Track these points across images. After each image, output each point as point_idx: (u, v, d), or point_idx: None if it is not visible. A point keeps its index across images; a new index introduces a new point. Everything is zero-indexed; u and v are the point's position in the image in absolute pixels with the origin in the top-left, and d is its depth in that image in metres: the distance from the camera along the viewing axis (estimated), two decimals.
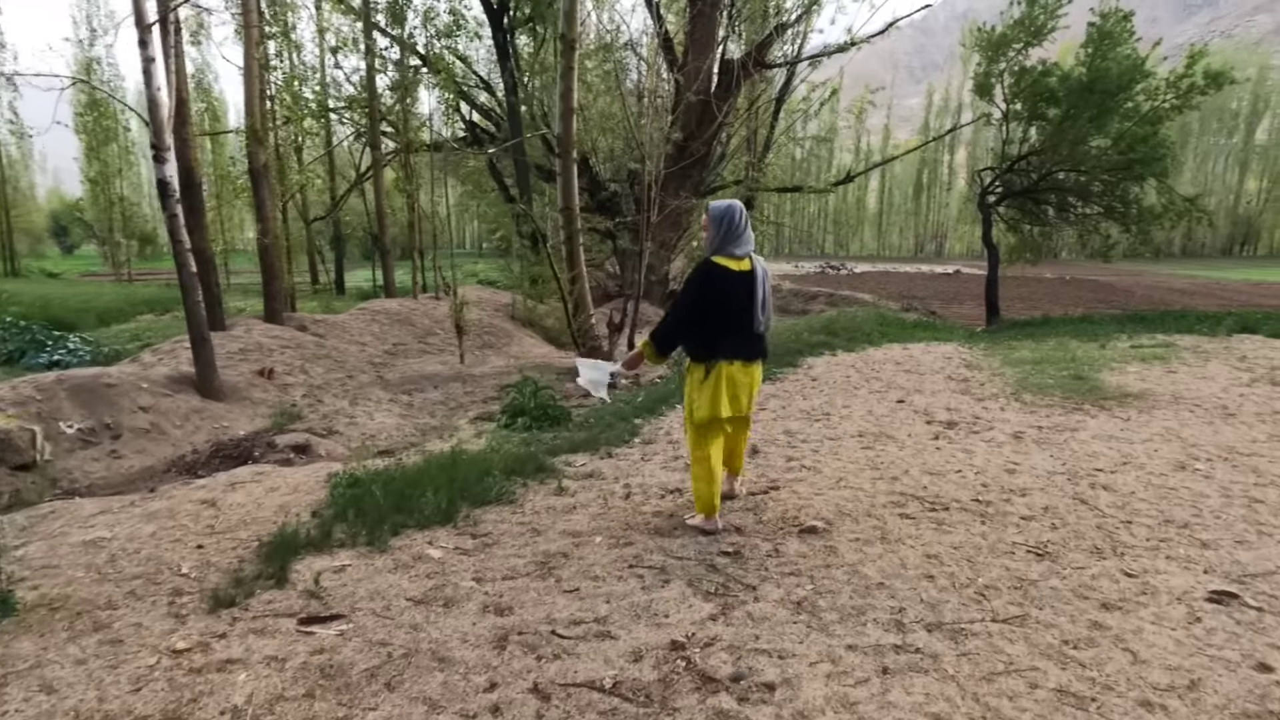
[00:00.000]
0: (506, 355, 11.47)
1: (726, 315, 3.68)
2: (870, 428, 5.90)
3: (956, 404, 6.84)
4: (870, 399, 7.02)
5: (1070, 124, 14.76)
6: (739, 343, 3.72)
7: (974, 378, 8.27)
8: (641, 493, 4.49)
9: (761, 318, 3.75)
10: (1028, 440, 5.58)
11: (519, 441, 6.12)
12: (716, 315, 3.67)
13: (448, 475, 4.65)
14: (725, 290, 3.66)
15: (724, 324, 3.68)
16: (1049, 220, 16.61)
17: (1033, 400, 7.09)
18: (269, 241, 10.32)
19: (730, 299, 3.67)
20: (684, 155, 18.10)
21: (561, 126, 9.65)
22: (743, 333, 3.72)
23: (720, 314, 3.67)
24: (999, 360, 9.69)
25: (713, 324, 3.68)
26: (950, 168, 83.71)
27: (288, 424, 7.12)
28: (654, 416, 6.47)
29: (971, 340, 12.28)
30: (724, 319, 3.68)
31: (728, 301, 3.67)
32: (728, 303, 3.67)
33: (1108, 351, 10.55)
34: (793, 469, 4.84)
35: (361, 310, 12.02)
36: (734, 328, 3.70)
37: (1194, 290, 34.81)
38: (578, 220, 10.02)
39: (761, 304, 3.73)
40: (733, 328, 3.70)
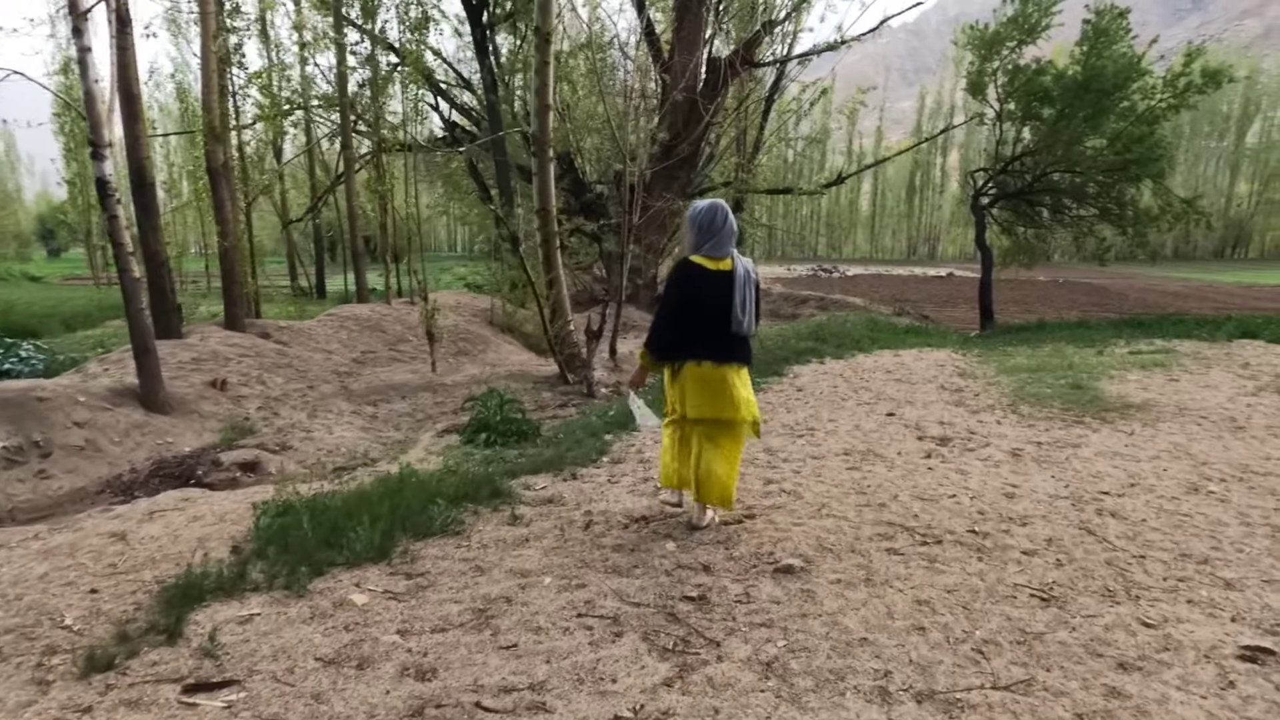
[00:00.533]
0: (482, 363, 11.03)
1: (701, 315, 3.63)
2: (857, 445, 5.48)
3: (950, 417, 6.43)
4: (858, 412, 6.61)
5: (1065, 124, 14.40)
6: (711, 343, 3.66)
7: (968, 387, 7.87)
8: (604, 522, 4.06)
9: (740, 318, 3.63)
10: (1027, 458, 5.17)
11: (480, 460, 5.69)
12: (691, 315, 3.64)
13: (391, 502, 4.21)
14: (700, 290, 3.62)
15: (698, 324, 3.63)
16: (1043, 222, 16.25)
17: (1030, 412, 6.69)
18: (229, 245, 9.83)
19: (705, 298, 3.62)
20: (671, 156, 17.71)
21: (537, 124, 9.22)
22: (716, 333, 3.65)
23: (695, 313, 3.63)
24: (994, 368, 9.31)
25: (687, 323, 3.65)
26: (943, 170, 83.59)
27: (238, 439, 6.67)
28: (626, 432, 6.04)
29: (965, 346, 11.90)
30: (699, 319, 3.63)
31: (702, 301, 3.62)
32: (702, 302, 3.62)
33: (1106, 358, 10.18)
34: (771, 494, 4.41)
35: (330, 316, 11.55)
36: (708, 327, 3.64)
37: (1188, 293, 34.60)
38: (555, 222, 9.59)
39: (741, 305, 3.62)
40: (707, 327, 3.64)
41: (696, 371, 3.68)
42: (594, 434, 5.96)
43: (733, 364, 3.71)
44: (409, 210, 10.43)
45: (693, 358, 3.68)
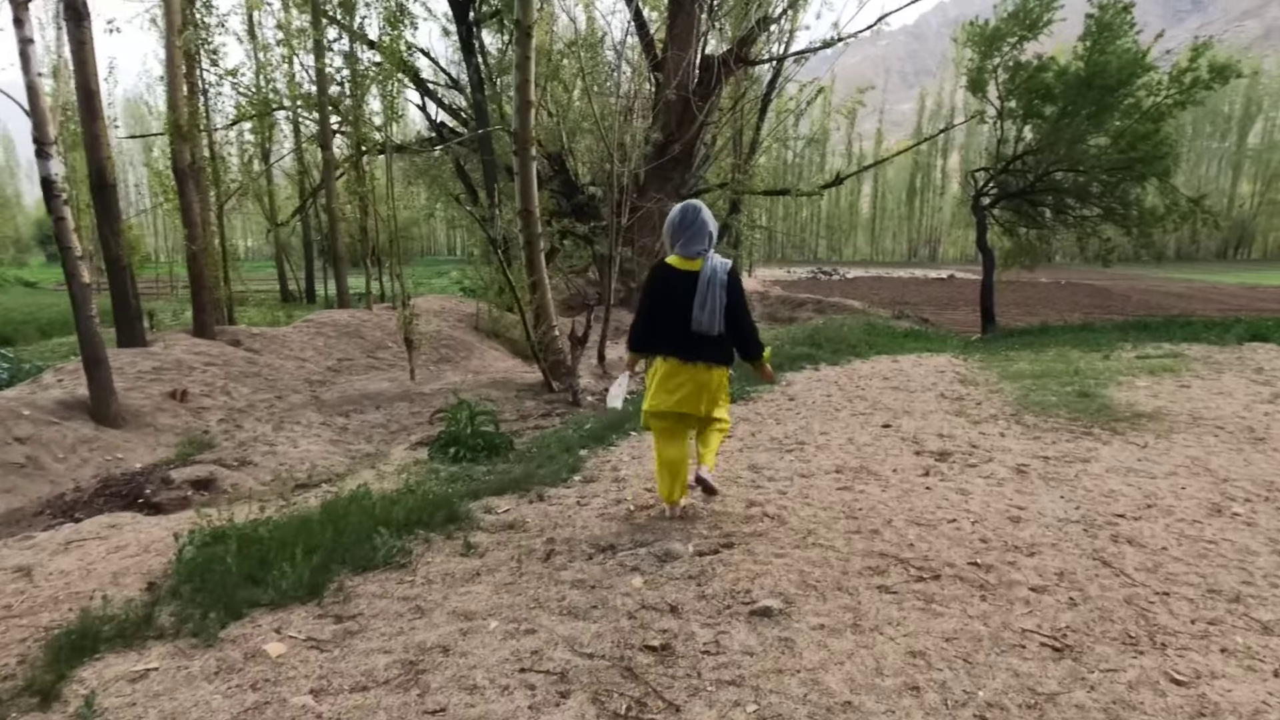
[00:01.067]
0: (465, 370, 10.64)
1: (665, 312, 3.81)
2: (850, 460, 5.09)
3: (950, 428, 6.04)
4: (853, 423, 6.21)
5: (1068, 122, 14.02)
6: (674, 340, 3.82)
7: (969, 395, 7.47)
8: (566, 552, 3.67)
9: (700, 316, 3.72)
10: (1033, 475, 4.77)
11: (445, 478, 5.30)
12: (657, 311, 3.84)
13: (335, 528, 3.83)
14: (664, 288, 3.82)
15: (663, 320, 3.82)
16: (1045, 223, 15.85)
17: (1035, 422, 6.29)
18: (197, 249, 9.42)
19: (669, 296, 3.79)
20: (664, 156, 17.34)
21: (518, 121, 8.85)
22: (676, 331, 3.79)
23: (660, 310, 3.83)
24: (996, 374, 8.91)
25: (654, 319, 3.86)
26: (943, 172, 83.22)
27: (195, 454, 6.29)
28: (603, 446, 5.65)
29: (966, 350, 11.50)
30: (663, 315, 3.82)
31: (666, 299, 3.80)
32: (666, 300, 3.80)
33: (1112, 363, 9.79)
34: (753, 518, 4.02)
35: (307, 322, 11.14)
36: (671, 325, 3.80)
37: (1191, 294, 34.20)
38: (538, 224, 9.22)
39: (700, 304, 3.71)
40: (670, 324, 3.80)
41: (663, 367, 3.89)
42: (568, 449, 5.57)
43: (699, 363, 3.82)
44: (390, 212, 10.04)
45: (660, 353, 3.90)
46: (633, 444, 5.66)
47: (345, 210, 12.31)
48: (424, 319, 12.49)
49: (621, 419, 6.36)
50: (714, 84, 16.02)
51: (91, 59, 7.78)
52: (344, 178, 12.92)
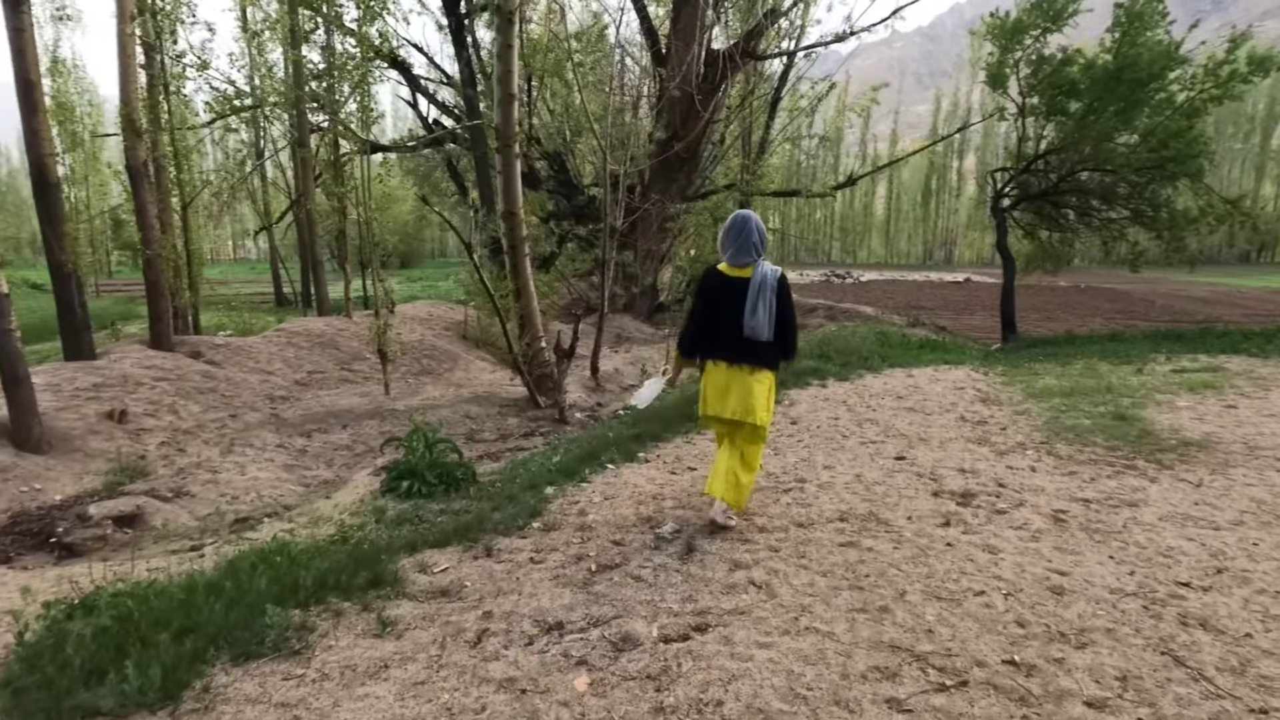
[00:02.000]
0: (447, 383, 9.97)
1: (713, 317, 3.94)
2: (857, 505, 4.36)
3: (973, 460, 5.30)
4: (861, 455, 5.48)
5: (1094, 118, 13.22)
6: (722, 344, 3.94)
7: (993, 418, 6.72)
8: (504, 632, 2.98)
9: (750, 323, 3.80)
10: (1073, 525, 4.03)
11: (392, 519, 4.62)
12: (706, 316, 3.98)
13: (226, 599, 3.16)
14: (714, 294, 3.94)
15: (711, 325, 3.96)
16: (1069, 226, 15.03)
17: (1069, 453, 5.54)
18: (152, 253, 8.75)
19: (718, 302, 3.92)
20: (667, 155, 16.65)
21: (500, 116, 8.19)
22: (727, 335, 3.90)
23: (709, 316, 3.97)
24: (1020, 391, 8.15)
25: (702, 324, 4.00)
26: (959, 173, 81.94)
27: (125, 483, 5.65)
28: (574, 482, 4.94)
29: (986, 362, 10.73)
30: (712, 321, 3.96)
31: (716, 304, 3.93)
32: (716, 306, 3.93)
33: (1147, 377, 9.01)
34: (736, 587, 3.31)
35: (278, 332, 10.47)
36: (720, 330, 3.93)
37: (1215, 299, 33.20)
38: (522, 226, 8.55)
39: (751, 310, 3.79)
40: (718, 329, 3.93)
41: (711, 370, 4.00)
42: (533, 486, 4.87)
43: (744, 366, 3.91)
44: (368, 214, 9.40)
45: (709, 357, 4.02)
46: (608, 480, 4.95)
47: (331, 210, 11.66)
48: (407, 327, 11.84)
49: (599, 447, 5.67)
50: (720, 80, 15.30)
51: (31, 48, 7.16)
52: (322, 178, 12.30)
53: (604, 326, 16.29)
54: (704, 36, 15.11)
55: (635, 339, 15.59)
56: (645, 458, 5.47)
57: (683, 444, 5.88)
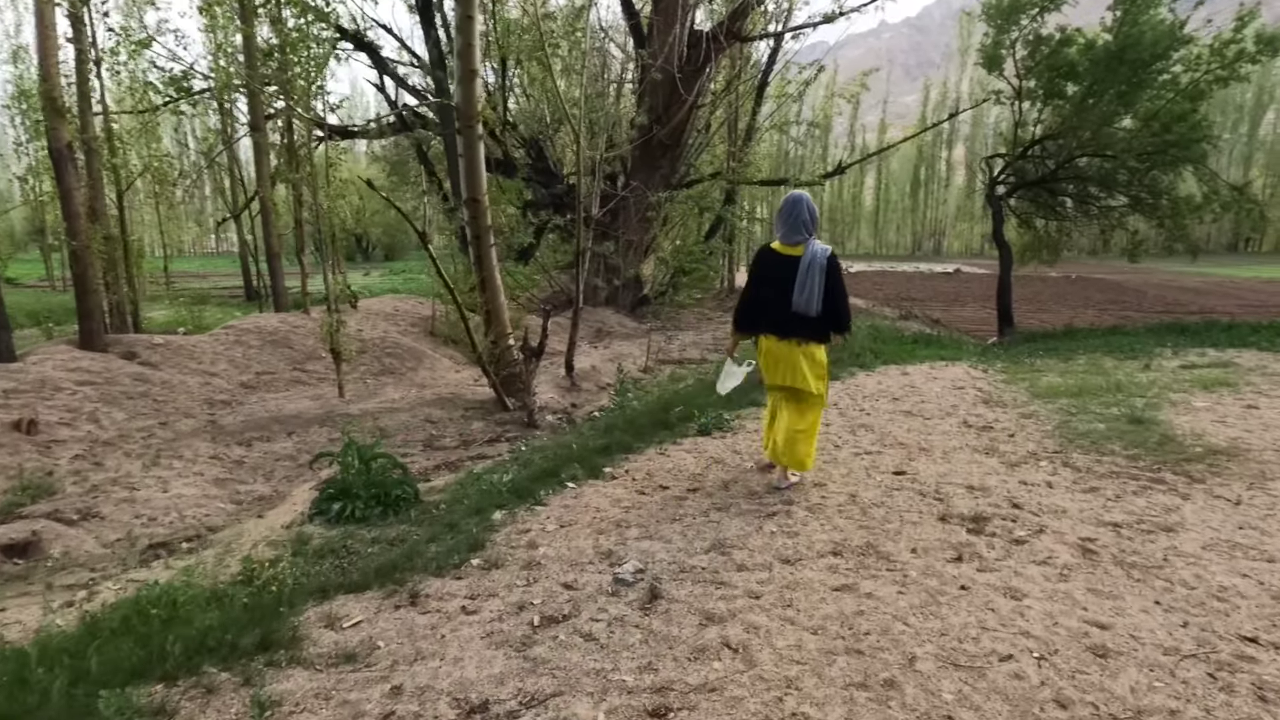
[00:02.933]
0: (409, 384, 9.29)
1: (766, 293, 4.16)
2: (853, 534, 3.75)
3: (982, 474, 4.70)
4: (856, 468, 4.87)
5: (1094, 101, 12.65)
6: (772, 318, 4.17)
7: (999, 423, 6.13)
8: (412, 717, 2.36)
9: (799, 299, 4.03)
10: (1105, 559, 3.44)
11: (315, 550, 4.00)
12: (759, 292, 4.21)
13: (67, 675, 2.53)
14: (766, 271, 4.19)
15: (763, 300, 4.19)
16: (1067, 214, 14.47)
17: (1088, 464, 4.95)
18: (78, 246, 7.98)
19: (771, 279, 4.14)
20: (651, 142, 15.98)
21: (460, 94, 7.51)
22: (776, 310, 4.13)
23: (761, 291, 4.19)
24: (1024, 391, 7.58)
25: (755, 300, 4.25)
26: (948, 163, 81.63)
27: (26, 504, 4.98)
28: (528, 504, 4.31)
29: (985, 358, 10.16)
30: (764, 296, 4.18)
31: (767, 281, 4.16)
32: (767, 282, 4.16)
33: (1155, 374, 8.47)
34: (707, 650, 2.69)
35: (228, 329, 9.72)
36: (770, 305, 4.15)
37: (1208, 289, 32.96)
38: (487, 214, 7.89)
39: (800, 287, 4.01)
40: (769, 304, 4.16)
41: (764, 344, 4.27)
42: (479, 511, 4.23)
43: (794, 339, 4.15)
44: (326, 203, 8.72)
45: (762, 331, 4.26)
46: (566, 502, 4.32)
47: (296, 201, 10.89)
48: (370, 323, 11.16)
49: (561, 461, 5.03)
50: (703, 62, 14.62)
51: None
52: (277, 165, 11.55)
53: (580, 321, 15.66)
54: (687, 16, 14.42)
55: (617, 334, 14.94)
56: (612, 473, 4.84)
57: (656, 456, 5.25)
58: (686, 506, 4.15)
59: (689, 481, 4.61)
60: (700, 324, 17.02)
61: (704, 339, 14.44)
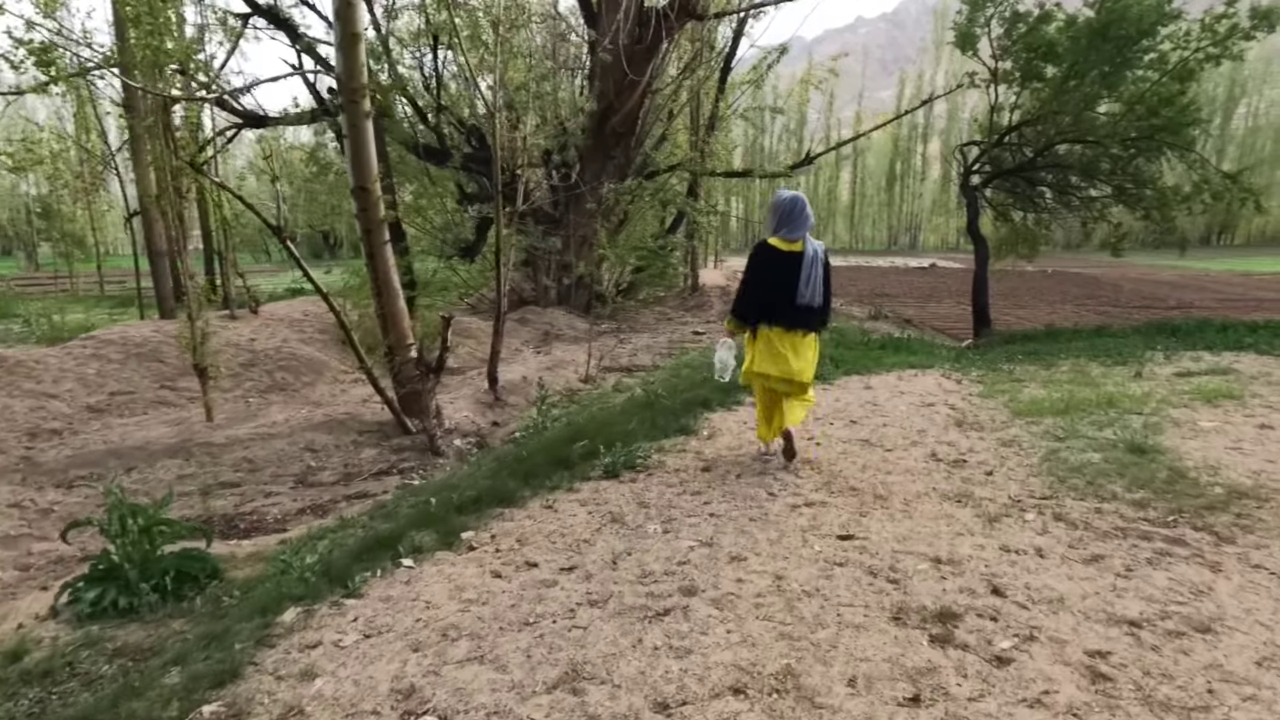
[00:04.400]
0: (304, 402, 8.11)
1: (771, 287, 4.44)
2: (768, 654, 2.64)
3: (952, 538, 3.63)
4: (789, 530, 3.77)
5: (1075, 83, 11.68)
6: (779, 311, 4.47)
7: (974, 454, 5.08)
8: None
9: (804, 291, 4.39)
10: (1125, 693, 2.37)
11: (23, 672, 2.83)
12: (764, 286, 4.47)
13: None
14: (771, 267, 4.44)
15: (768, 295, 4.47)
16: (1046, 205, 13.51)
17: (1086, 516, 3.91)
18: None
19: (776, 274, 4.43)
20: (603, 129, 14.85)
21: (341, 62, 6.34)
22: (783, 303, 4.44)
23: (766, 286, 4.46)
24: (1004, 407, 6.55)
25: (760, 294, 4.50)
26: (924, 157, 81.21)
27: None
28: (337, 596, 3.17)
29: (959, 364, 9.14)
30: (769, 290, 4.46)
31: (773, 275, 4.44)
32: (772, 276, 4.44)
33: (1148, 383, 7.50)
34: None
35: (86, 341, 8.38)
36: (776, 298, 4.45)
37: (1185, 283, 32.47)
38: (379, 207, 6.73)
39: (806, 281, 4.38)
40: (775, 298, 4.45)
41: (767, 334, 4.52)
42: (265, 610, 3.08)
43: (798, 330, 4.51)
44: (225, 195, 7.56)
45: (765, 323, 4.53)
46: (391, 591, 3.19)
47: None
48: (267, 331, 9.93)
49: (412, 523, 3.89)
50: (654, 42, 13.48)
51: None
52: (151, 150, 10.25)
53: (527, 324, 14.51)
54: None
55: (565, 337, 13.80)
56: (473, 541, 3.71)
57: (539, 512, 4.11)
58: (551, 599, 3.03)
59: (567, 554, 3.49)
60: (659, 325, 15.93)
61: (659, 342, 13.34)
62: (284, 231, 5.73)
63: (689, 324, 16.02)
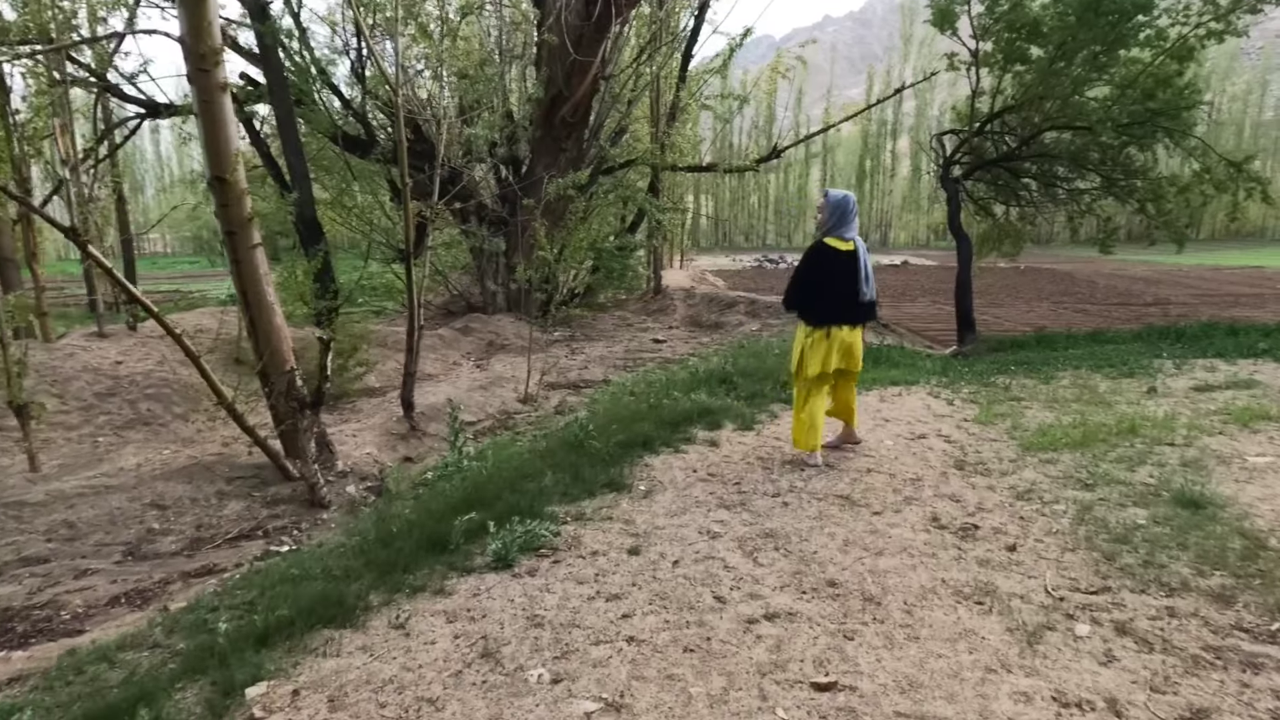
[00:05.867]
0: (169, 439, 6.76)
1: (834, 287, 4.58)
2: None
3: (978, 673, 2.45)
4: (740, 670, 2.56)
5: (1064, 65, 10.65)
6: (844, 309, 4.63)
7: (985, 514, 3.91)
8: None
9: (865, 290, 4.63)
10: None
11: None
12: (826, 287, 4.59)
13: None
14: (832, 267, 4.57)
15: (832, 295, 4.60)
16: (1032, 199, 12.47)
17: (1158, 628, 2.77)
18: None
19: (837, 274, 4.57)
20: (552, 118, 13.60)
21: (185, 20, 5.05)
22: (847, 301, 4.61)
23: (829, 286, 4.58)
24: (1008, 438, 5.43)
25: (823, 294, 4.61)
26: (893, 154, 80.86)
27: None
28: None
29: (947, 378, 8.04)
30: (832, 290, 4.59)
31: (834, 276, 4.57)
32: (834, 277, 4.57)
33: (1166, 400, 6.46)
34: None
35: None
36: (840, 297, 4.60)
37: (1157, 278, 31.96)
38: (245, 201, 5.43)
39: (865, 278, 4.61)
40: (839, 297, 4.60)
41: (838, 335, 4.62)
42: None
43: (859, 325, 4.77)
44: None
45: (833, 323, 4.61)
46: None
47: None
48: (141, 351, 8.53)
49: (196, 658, 2.63)
50: (604, 20, 12.24)
51: None
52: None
53: (470, 333, 13.21)
54: None
55: (512, 347, 12.52)
56: (255, 710, 2.43)
57: (384, 639, 2.84)
58: None
59: None
60: (617, 332, 14.69)
61: (614, 352, 12.12)
62: (79, 235, 4.43)
63: (650, 330, 14.81)
